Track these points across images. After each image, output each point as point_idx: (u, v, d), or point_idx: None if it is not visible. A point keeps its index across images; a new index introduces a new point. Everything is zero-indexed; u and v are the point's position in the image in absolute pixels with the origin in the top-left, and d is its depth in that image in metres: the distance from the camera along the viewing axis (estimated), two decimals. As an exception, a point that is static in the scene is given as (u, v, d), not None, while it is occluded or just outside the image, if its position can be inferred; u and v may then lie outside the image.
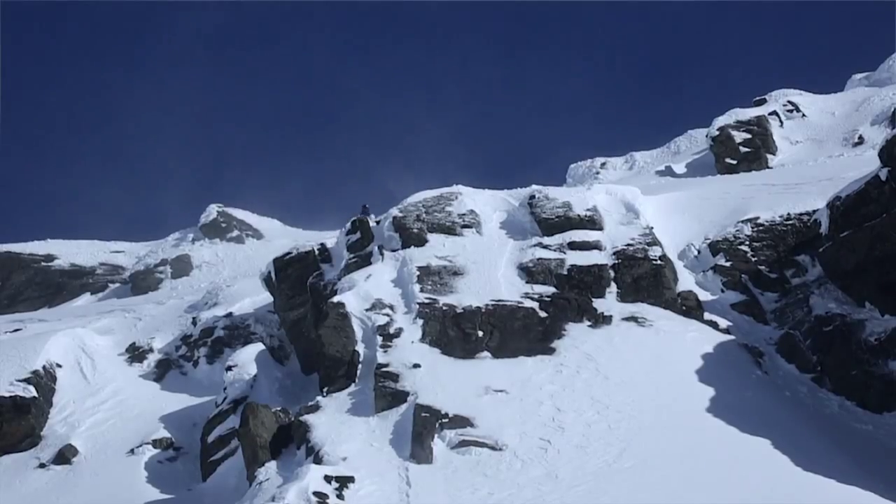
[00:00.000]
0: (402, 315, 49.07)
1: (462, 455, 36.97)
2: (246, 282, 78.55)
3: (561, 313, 49.10)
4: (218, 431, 49.09)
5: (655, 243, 55.07)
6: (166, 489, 45.88)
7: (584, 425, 38.10)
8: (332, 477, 34.45)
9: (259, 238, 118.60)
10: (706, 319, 50.14)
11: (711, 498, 29.85)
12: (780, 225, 57.25)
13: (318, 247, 62.63)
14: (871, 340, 45.28)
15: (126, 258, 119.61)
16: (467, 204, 60.00)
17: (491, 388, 42.07)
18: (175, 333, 70.29)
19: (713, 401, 39.92)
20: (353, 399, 43.91)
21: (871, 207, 45.40)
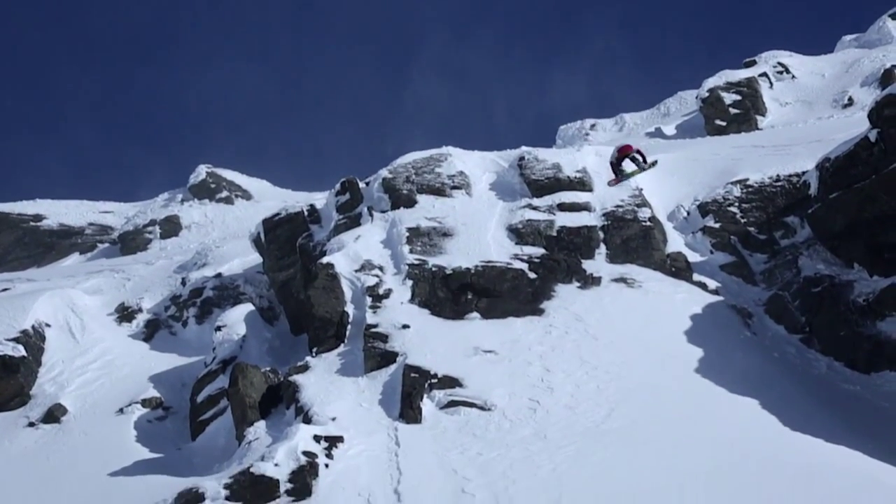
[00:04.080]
0: (392, 276, 49.10)
1: (451, 415, 37.00)
2: (235, 242, 78.45)
3: (550, 274, 49.15)
4: (207, 391, 49.05)
5: (645, 205, 55.14)
6: (155, 448, 45.85)
7: (573, 386, 38.14)
8: (322, 437, 34.45)
9: (248, 199, 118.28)
10: (695, 280, 50.25)
11: (700, 458, 29.93)
12: (770, 186, 57.29)
13: (307, 208, 62.57)
14: (860, 301, 45.40)
15: (115, 218, 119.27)
16: (457, 165, 59.97)
17: (480, 349, 42.09)
18: (164, 294, 70.18)
19: (702, 361, 40.01)
20: (343, 359, 43.94)
21: (860, 169, 45.41)
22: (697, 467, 29.11)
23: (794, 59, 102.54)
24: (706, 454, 30.21)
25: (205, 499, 31.32)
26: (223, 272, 69.73)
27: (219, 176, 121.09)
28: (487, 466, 31.61)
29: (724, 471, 28.63)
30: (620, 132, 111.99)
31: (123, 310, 68.05)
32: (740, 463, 29.27)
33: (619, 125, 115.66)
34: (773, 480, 27.46)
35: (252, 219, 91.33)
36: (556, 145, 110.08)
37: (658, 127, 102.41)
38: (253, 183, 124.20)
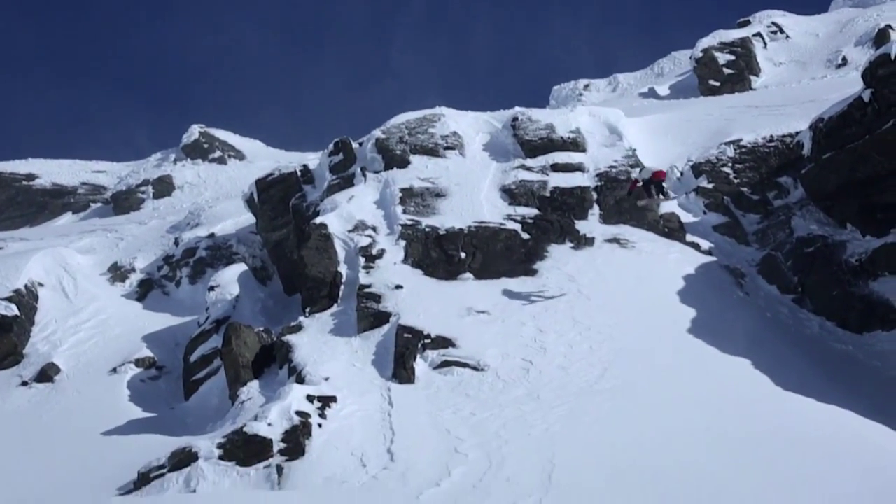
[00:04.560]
0: (385, 236, 49.08)
1: (444, 375, 37.02)
2: (228, 202, 78.41)
3: (543, 235, 49.16)
4: (200, 351, 49.12)
5: (638, 165, 55.07)
6: (148, 408, 45.93)
7: (566, 346, 38.18)
8: (315, 397, 34.46)
9: (241, 159, 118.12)
10: (688, 241, 50.28)
11: (692, 417, 30.00)
12: (763, 147, 57.28)
13: (300, 168, 62.48)
14: (852, 261, 45.49)
15: (108, 178, 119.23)
16: (450, 126, 59.88)
17: (473, 310, 42.12)
18: (157, 254, 70.19)
19: (694, 322, 40.05)
20: (336, 320, 43.97)
21: (853, 129, 45.38)
22: (690, 427, 29.18)
23: (788, 19, 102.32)
24: (698, 414, 30.28)
25: (198, 458, 31.35)
26: (216, 232, 69.75)
27: (212, 136, 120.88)
28: (480, 426, 31.66)
29: (715, 430, 28.71)
30: (614, 93, 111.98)
31: (116, 269, 68.08)
32: (732, 422, 29.34)
33: (612, 85, 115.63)
34: (765, 440, 27.53)
35: (245, 179, 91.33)
36: (550, 106, 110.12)
37: (652, 87, 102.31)
38: (246, 143, 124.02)
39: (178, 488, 30.46)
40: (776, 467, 25.17)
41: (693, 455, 26.73)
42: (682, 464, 26.04)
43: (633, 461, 26.62)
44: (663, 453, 27.12)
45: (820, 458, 25.66)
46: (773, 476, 24.43)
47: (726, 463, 25.89)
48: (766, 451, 26.62)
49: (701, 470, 25.41)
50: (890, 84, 43.64)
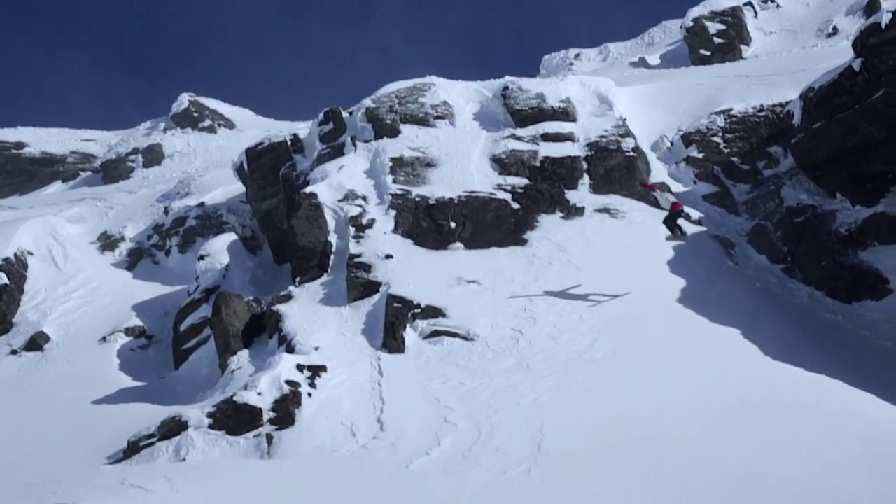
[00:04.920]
0: (375, 206, 49.03)
1: (434, 345, 37.08)
2: (218, 172, 78.35)
3: (533, 205, 49.12)
4: (190, 320, 49.17)
5: (628, 135, 55.07)
6: (138, 377, 45.99)
7: (556, 316, 38.23)
8: (305, 366, 34.50)
9: (231, 128, 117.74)
10: (678, 211, 50.24)
11: (681, 387, 30.06)
12: (753, 116, 57.26)
13: (290, 137, 62.31)
14: (842, 231, 45.53)
15: (97, 147, 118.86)
16: (440, 95, 59.74)
17: (463, 279, 42.16)
18: (147, 223, 70.20)
19: (684, 291, 40.11)
20: (326, 289, 43.97)
21: (843, 98, 45.35)
22: (679, 396, 29.24)
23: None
24: (688, 383, 30.34)
25: (188, 427, 31.38)
26: (206, 201, 69.74)
27: (201, 104, 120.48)
28: (470, 396, 31.72)
29: (705, 399, 28.78)
30: (604, 62, 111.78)
31: (106, 238, 68.10)
32: (721, 392, 29.41)
33: (603, 55, 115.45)
34: (754, 409, 27.61)
35: (235, 148, 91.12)
36: (540, 75, 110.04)
37: (642, 57, 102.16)
38: (236, 112, 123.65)
39: (167, 457, 30.49)
40: (765, 436, 25.24)
41: (682, 424, 26.79)
42: (671, 433, 26.11)
43: (623, 430, 26.69)
44: (653, 422, 27.18)
45: (808, 427, 25.73)
46: (761, 444, 24.50)
47: (715, 431, 25.96)
48: (755, 420, 26.70)
49: (690, 438, 25.48)
50: (880, 53, 43.58)
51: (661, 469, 23.17)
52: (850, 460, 22.44)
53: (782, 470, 22.09)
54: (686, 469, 22.89)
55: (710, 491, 20.99)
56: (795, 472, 21.85)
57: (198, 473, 25.97)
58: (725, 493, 20.83)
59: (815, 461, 22.66)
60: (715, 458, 23.58)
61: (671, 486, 21.81)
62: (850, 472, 21.32)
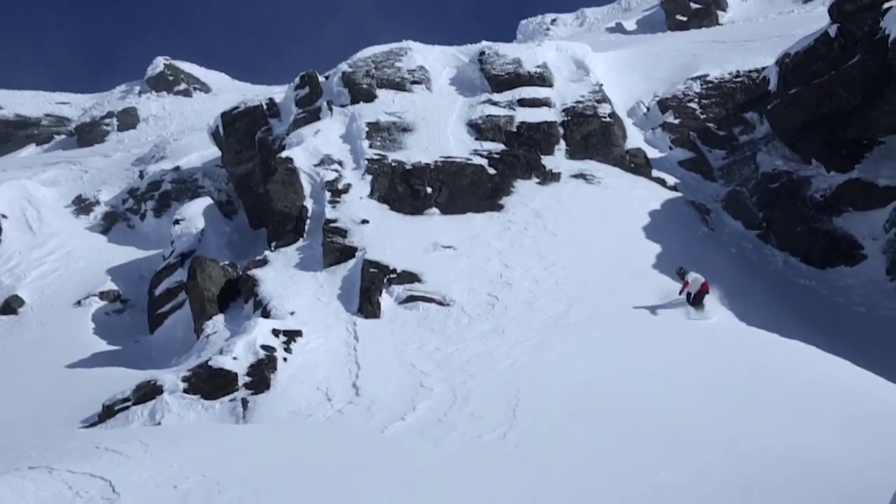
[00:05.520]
0: (351, 171, 48.88)
1: (409, 310, 37.10)
2: (193, 136, 78.01)
3: (510, 170, 49.07)
4: (165, 285, 49.05)
5: (605, 100, 55.02)
6: (113, 341, 45.90)
7: (532, 281, 38.29)
8: (280, 331, 34.50)
9: (207, 92, 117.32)
10: (654, 176, 50.34)
11: (656, 352, 30.17)
12: (730, 82, 57.36)
13: (266, 101, 62.00)
14: (817, 197, 45.73)
15: (72, 110, 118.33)
16: (417, 60, 59.52)
17: (439, 245, 42.13)
18: (122, 186, 69.90)
19: (660, 257, 40.19)
20: (301, 254, 43.91)
21: (819, 64, 45.48)
22: (654, 362, 29.34)
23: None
24: (663, 350, 30.44)
25: (163, 391, 31.36)
26: (181, 165, 69.47)
27: (177, 68, 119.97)
28: (446, 361, 31.76)
29: (679, 366, 28.88)
30: (581, 27, 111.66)
31: (81, 202, 67.80)
32: (696, 358, 29.53)
33: (579, 20, 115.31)
34: (728, 375, 27.74)
35: (210, 112, 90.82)
36: (517, 40, 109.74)
37: (619, 22, 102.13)
38: (211, 76, 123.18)
39: (142, 421, 30.48)
40: (740, 402, 25.36)
41: (657, 389, 26.88)
42: (646, 398, 26.19)
43: (598, 395, 26.77)
44: (628, 388, 27.27)
45: (783, 393, 25.85)
46: (736, 410, 24.61)
47: (690, 397, 26.06)
48: (730, 386, 26.81)
49: (665, 404, 25.57)
50: (856, 19, 43.70)
51: (636, 434, 23.25)
52: (825, 426, 22.56)
53: (758, 435, 22.19)
54: (661, 434, 22.97)
55: (685, 456, 21.07)
56: (771, 437, 21.95)
57: (173, 438, 25.98)
58: (700, 457, 20.91)
59: (789, 426, 22.77)
60: (689, 424, 23.66)
61: (646, 450, 21.89)
62: (824, 438, 21.43)
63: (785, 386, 26.37)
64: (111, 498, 19.64)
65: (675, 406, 25.25)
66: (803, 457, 19.69)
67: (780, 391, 26.05)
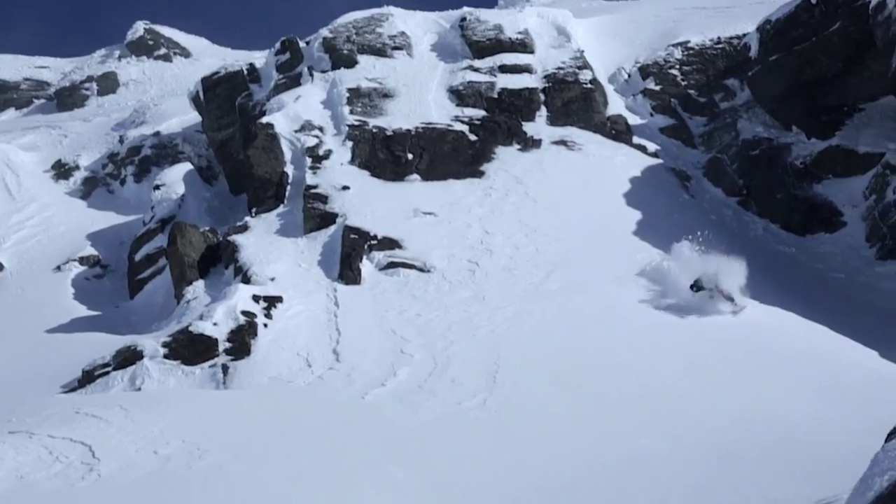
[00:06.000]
0: (332, 137, 48.75)
1: (390, 276, 37.14)
2: (174, 101, 77.61)
3: (491, 136, 49.02)
4: (145, 250, 48.93)
5: (586, 67, 54.91)
6: (93, 306, 45.81)
7: (512, 248, 38.36)
8: (261, 297, 34.53)
9: (187, 56, 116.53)
10: (635, 143, 50.35)
11: (635, 319, 30.31)
12: (711, 49, 57.35)
13: (246, 67, 61.75)
14: (797, 164, 45.81)
15: (51, 74, 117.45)
16: (398, 25, 59.28)
17: (420, 211, 42.13)
18: (102, 151, 69.58)
19: (640, 224, 40.26)
20: (282, 220, 43.85)
21: (800, 31, 45.49)
22: (634, 328, 29.48)
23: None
24: (642, 316, 30.59)
25: (143, 357, 31.38)
26: (161, 131, 69.16)
27: (157, 32, 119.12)
28: (426, 327, 31.86)
29: (659, 333, 29.04)
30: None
31: (60, 167, 67.51)
32: (675, 325, 29.70)
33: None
34: (707, 342, 27.90)
35: (191, 77, 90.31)
36: (499, 6, 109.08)
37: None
38: (191, 40, 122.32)
39: (122, 387, 30.49)
40: (718, 367, 25.52)
41: (637, 356, 27.01)
42: (625, 364, 26.32)
43: (578, 362, 26.88)
44: (607, 354, 27.39)
45: (762, 358, 26.02)
46: (715, 375, 24.77)
47: (670, 363, 26.20)
48: (708, 352, 26.98)
49: (645, 370, 25.70)
50: (838, -14, 43.74)
51: (616, 400, 23.38)
52: (802, 392, 22.72)
53: (736, 402, 22.33)
54: (639, 401, 23.10)
55: (663, 423, 21.20)
56: (749, 404, 22.09)
57: (153, 403, 26.00)
58: (678, 424, 21.04)
59: (768, 393, 22.91)
60: (667, 391, 23.80)
61: (625, 416, 22.01)
62: (801, 404, 21.58)
63: (763, 353, 26.53)
64: (91, 463, 19.66)
65: (653, 373, 25.38)
66: (781, 423, 19.83)
67: (759, 358, 26.21)
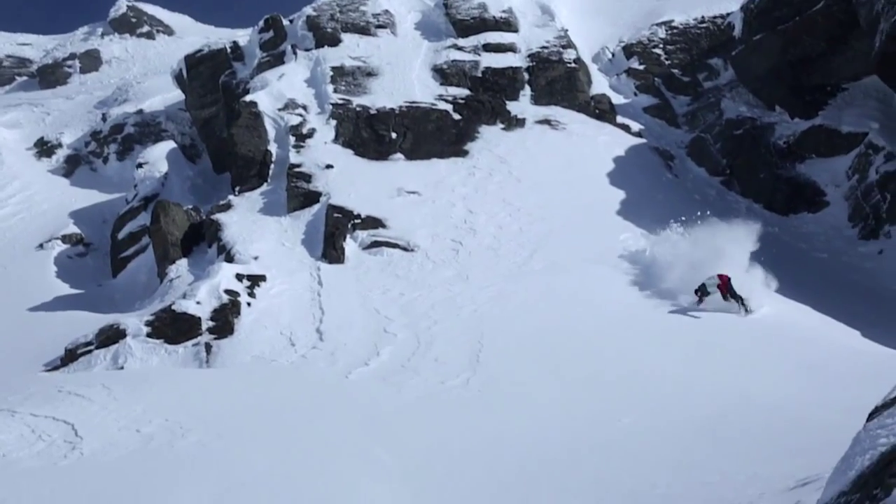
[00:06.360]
0: (316, 115, 48.64)
1: (374, 256, 37.12)
2: (157, 79, 77.38)
3: (475, 116, 48.99)
4: (128, 228, 48.76)
5: (570, 46, 54.87)
6: (76, 284, 45.67)
7: (496, 227, 38.38)
8: (244, 275, 34.48)
9: (170, 34, 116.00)
10: (619, 122, 50.40)
11: (618, 298, 30.36)
12: (694, 28, 57.40)
13: (230, 45, 61.57)
14: (780, 143, 45.89)
15: (33, 51, 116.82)
16: (382, 3, 59.16)
17: (403, 190, 42.11)
18: (84, 129, 69.33)
19: (624, 203, 40.30)
20: (265, 199, 43.77)
21: (784, 10, 45.53)
22: (616, 308, 29.53)
23: None
24: (625, 295, 30.63)
25: (126, 335, 31.33)
26: (144, 108, 68.91)
27: (139, 10, 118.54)
28: (410, 307, 31.87)
29: (641, 313, 29.10)
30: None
31: (43, 144, 67.24)
32: (655, 303, 29.76)
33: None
34: (689, 321, 27.97)
35: (174, 55, 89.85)
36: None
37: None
38: (175, 18, 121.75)
39: (105, 365, 30.44)
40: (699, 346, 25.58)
41: (619, 335, 27.05)
42: (608, 344, 26.36)
43: (561, 342, 26.90)
44: (590, 334, 27.42)
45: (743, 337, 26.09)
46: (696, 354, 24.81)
47: (647, 341, 26.26)
48: (690, 331, 27.05)
49: (624, 348, 25.75)
50: (821, -34, 43.77)
51: (600, 380, 23.40)
52: (783, 369, 22.78)
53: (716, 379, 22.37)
54: (623, 380, 23.13)
55: (645, 400, 21.23)
56: (729, 381, 22.14)
57: (136, 382, 25.96)
58: (659, 401, 21.06)
59: (748, 370, 22.97)
60: (648, 368, 23.84)
61: (609, 396, 22.04)
62: (781, 381, 21.63)
63: (744, 330, 26.61)
64: (74, 441, 19.64)
65: (636, 353, 25.42)
66: (764, 402, 19.88)
67: (739, 335, 26.29)
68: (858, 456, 7.22)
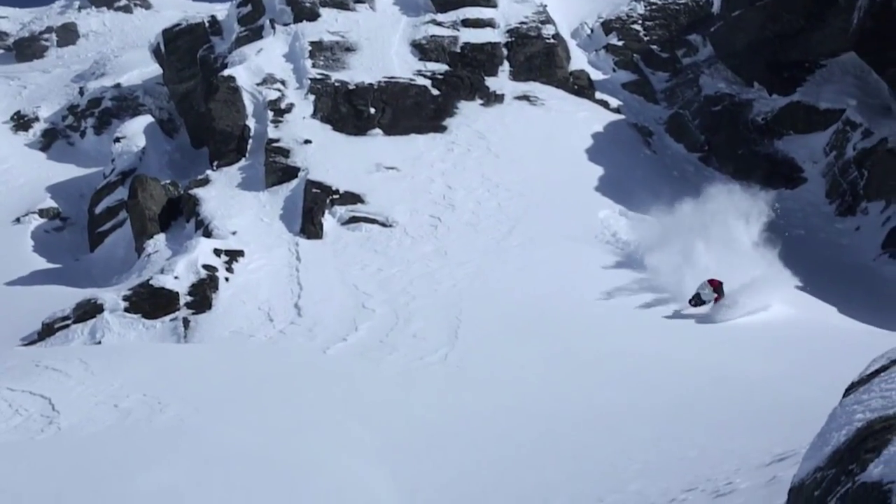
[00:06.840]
0: (294, 90, 48.49)
1: (352, 231, 37.12)
2: (134, 52, 77.01)
3: (453, 91, 48.91)
4: (106, 203, 48.58)
5: (549, 21, 54.74)
6: (53, 259, 45.56)
7: (475, 203, 38.41)
8: (222, 251, 34.46)
9: (148, 8, 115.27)
10: (597, 99, 50.37)
11: (597, 274, 30.44)
12: (673, 4, 57.39)
13: (208, 19, 61.32)
14: (759, 120, 45.99)
15: (9, 24, 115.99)
16: (360, -23, 58.92)
17: (382, 166, 42.07)
18: (61, 103, 68.99)
19: (602, 179, 40.37)
20: (244, 174, 43.67)
21: (763, -13, 45.65)
22: (594, 284, 29.61)
23: None
24: (603, 272, 30.71)
25: (103, 310, 31.31)
26: (122, 83, 68.58)
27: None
28: (388, 282, 31.91)
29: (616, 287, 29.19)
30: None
31: (19, 118, 66.87)
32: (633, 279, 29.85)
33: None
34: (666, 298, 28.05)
35: (152, 29, 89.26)
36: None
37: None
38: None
39: (82, 340, 30.42)
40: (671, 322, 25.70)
41: (597, 312, 27.17)
42: (586, 321, 26.45)
43: (539, 318, 26.98)
44: (569, 310, 27.52)
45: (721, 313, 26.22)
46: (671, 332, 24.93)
47: (628, 319, 26.36)
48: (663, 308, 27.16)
49: (602, 324, 25.85)
50: (801, -58, 43.82)
51: (578, 356, 23.47)
52: (763, 346, 22.88)
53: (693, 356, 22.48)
54: (601, 356, 23.22)
55: (627, 378, 21.29)
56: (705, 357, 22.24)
57: (113, 356, 25.95)
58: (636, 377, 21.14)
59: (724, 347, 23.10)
60: (626, 344, 23.94)
61: (587, 371, 22.11)
62: (762, 358, 21.72)
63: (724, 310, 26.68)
64: (51, 416, 19.63)
65: (614, 330, 25.52)
66: (741, 378, 19.95)
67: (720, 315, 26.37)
68: (834, 431, 7.26)
